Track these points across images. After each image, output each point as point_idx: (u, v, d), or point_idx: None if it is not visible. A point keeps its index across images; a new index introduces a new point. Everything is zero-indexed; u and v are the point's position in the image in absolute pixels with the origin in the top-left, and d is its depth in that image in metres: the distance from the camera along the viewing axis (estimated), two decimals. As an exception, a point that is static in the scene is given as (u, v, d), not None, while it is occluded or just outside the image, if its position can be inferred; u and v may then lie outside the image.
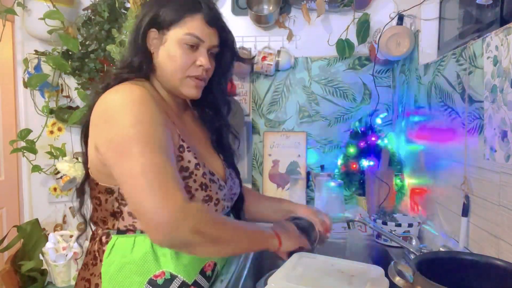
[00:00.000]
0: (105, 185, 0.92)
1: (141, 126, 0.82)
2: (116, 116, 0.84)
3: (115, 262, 0.91)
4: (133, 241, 0.91)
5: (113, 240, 0.92)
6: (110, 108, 0.86)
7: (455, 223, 1.16)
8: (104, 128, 0.86)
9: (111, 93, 0.88)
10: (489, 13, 1.10)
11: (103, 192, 0.92)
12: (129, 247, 0.91)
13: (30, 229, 1.59)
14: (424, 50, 1.54)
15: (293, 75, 2.01)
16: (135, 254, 0.90)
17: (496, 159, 0.93)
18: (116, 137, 0.82)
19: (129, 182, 0.81)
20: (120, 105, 0.84)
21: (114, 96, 0.87)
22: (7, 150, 1.95)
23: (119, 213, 0.92)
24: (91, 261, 0.95)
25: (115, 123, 0.83)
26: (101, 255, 0.93)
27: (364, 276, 0.91)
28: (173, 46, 0.93)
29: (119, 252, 0.91)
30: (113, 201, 0.91)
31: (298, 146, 2.00)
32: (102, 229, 0.96)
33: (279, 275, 0.92)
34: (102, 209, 0.94)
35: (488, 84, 0.96)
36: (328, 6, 1.87)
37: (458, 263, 0.80)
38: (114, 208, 0.92)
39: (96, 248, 0.95)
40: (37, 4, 1.74)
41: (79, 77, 1.86)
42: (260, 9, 1.97)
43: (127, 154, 0.81)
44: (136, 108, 0.84)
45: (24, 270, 1.45)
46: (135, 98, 0.85)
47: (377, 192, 1.70)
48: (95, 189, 0.95)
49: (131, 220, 0.91)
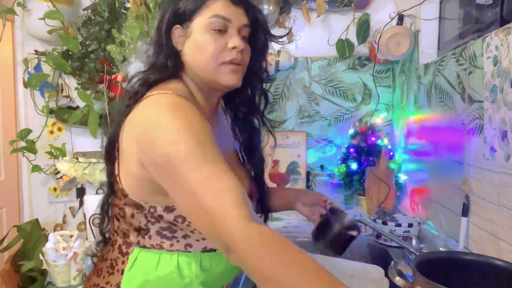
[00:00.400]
0: (136, 200, 0.84)
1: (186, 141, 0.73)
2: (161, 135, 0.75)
3: (136, 277, 0.85)
4: (158, 258, 0.85)
5: (135, 254, 0.86)
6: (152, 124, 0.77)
7: (455, 223, 1.16)
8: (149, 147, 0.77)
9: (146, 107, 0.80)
10: (489, 13, 1.10)
11: (131, 205, 0.85)
12: (154, 263, 0.85)
13: (30, 229, 1.59)
14: (424, 50, 1.54)
15: (293, 75, 2.00)
16: (159, 272, 0.84)
17: (496, 159, 0.93)
18: (163, 158, 0.74)
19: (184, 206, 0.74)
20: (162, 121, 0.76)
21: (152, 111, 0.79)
22: (7, 150, 1.95)
23: (145, 231, 0.85)
24: (107, 269, 0.89)
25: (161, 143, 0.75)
26: (119, 265, 0.87)
27: (364, 276, 0.91)
28: (200, 34, 0.85)
29: (141, 267, 0.85)
30: (141, 217, 0.85)
31: (298, 146, 2.00)
32: (121, 238, 0.89)
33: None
34: (125, 221, 0.87)
35: (488, 84, 0.96)
36: (328, 6, 1.87)
37: (458, 263, 0.80)
38: (140, 224, 0.85)
39: (114, 256, 0.89)
40: (37, 4, 1.74)
41: (79, 77, 1.86)
42: (260, 9, 1.96)
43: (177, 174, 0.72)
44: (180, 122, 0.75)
45: (24, 270, 1.45)
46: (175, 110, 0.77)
47: (377, 192, 1.70)
48: (121, 199, 0.87)
49: (159, 239, 0.85)
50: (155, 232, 0.85)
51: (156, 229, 0.84)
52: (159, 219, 0.84)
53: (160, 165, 0.75)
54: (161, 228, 0.84)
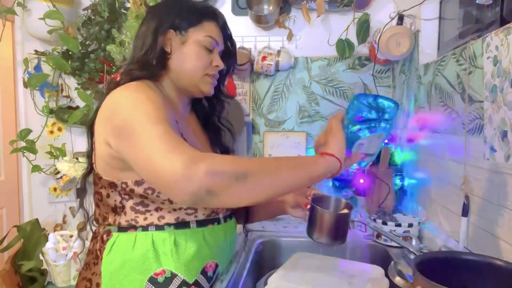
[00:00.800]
0: (109, 179, 0.92)
1: (143, 105, 0.83)
2: (119, 106, 0.86)
3: (116, 259, 0.90)
4: (134, 238, 0.91)
5: (114, 238, 0.92)
6: (115, 102, 0.88)
7: (455, 223, 1.16)
8: (110, 120, 0.87)
9: (117, 91, 0.90)
10: (489, 13, 1.10)
11: (106, 187, 0.93)
12: (130, 244, 0.90)
13: (30, 229, 1.59)
14: (424, 50, 1.54)
15: (293, 75, 2.01)
16: (136, 252, 0.90)
17: (496, 159, 0.93)
18: (121, 123, 0.83)
19: (141, 155, 0.79)
20: (121, 97, 0.87)
21: (120, 93, 0.89)
22: (7, 150, 1.95)
23: (121, 208, 0.92)
24: (93, 260, 0.95)
25: (120, 112, 0.85)
26: (102, 254, 0.92)
27: (364, 276, 0.91)
28: (193, 46, 0.99)
29: (120, 249, 0.91)
30: (116, 195, 0.92)
31: (298, 146, 2.00)
32: (103, 226, 0.96)
33: (279, 275, 0.93)
34: (104, 204, 0.94)
35: (488, 84, 0.96)
36: (328, 6, 1.87)
37: (458, 263, 0.80)
38: (116, 202, 0.92)
39: (97, 247, 0.95)
40: (37, 4, 1.74)
41: (79, 77, 1.86)
42: (260, 9, 1.97)
43: (132, 134, 0.80)
44: (139, 94, 0.86)
45: (24, 270, 1.45)
46: (133, 88, 0.89)
47: (377, 192, 1.70)
48: (97, 184, 0.96)
49: (133, 214, 0.91)
50: (129, 208, 0.91)
51: (130, 205, 0.91)
52: (132, 195, 0.91)
53: (120, 131, 0.83)
54: (134, 204, 0.91)
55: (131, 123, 0.82)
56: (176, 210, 0.92)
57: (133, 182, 0.90)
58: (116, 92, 0.90)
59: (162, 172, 0.74)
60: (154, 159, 0.76)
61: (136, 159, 0.81)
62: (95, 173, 0.96)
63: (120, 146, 0.84)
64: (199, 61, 1.00)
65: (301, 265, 0.97)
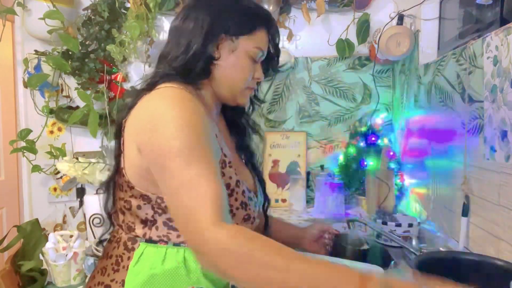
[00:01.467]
0: (142, 191, 0.85)
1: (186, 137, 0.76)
2: (164, 126, 0.78)
3: (143, 272, 0.84)
4: (165, 252, 0.85)
5: (142, 248, 0.86)
6: (157, 115, 0.80)
7: (455, 223, 1.16)
8: (151, 136, 0.79)
9: (156, 98, 0.83)
10: (489, 13, 1.10)
11: (137, 197, 0.86)
12: (160, 258, 0.84)
13: (30, 229, 1.59)
14: (424, 50, 1.54)
15: (293, 75, 2.00)
16: (166, 267, 0.84)
17: (496, 159, 0.93)
18: (158, 149, 0.77)
19: (168, 198, 0.77)
20: (168, 113, 0.79)
21: (160, 102, 0.81)
22: (7, 150, 1.95)
23: (152, 222, 0.86)
24: (112, 266, 0.88)
25: (163, 134, 0.77)
26: (125, 261, 0.87)
27: (364, 276, 0.91)
28: (242, 56, 0.91)
29: (147, 262, 0.85)
30: (148, 208, 0.86)
31: (298, 146, 2.00)
32: (126, 233, 0.89)
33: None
34: (132, 214, 0.87)
35: (488, 84, 0.96)
36: (328, 6, 1.87)
37: (458, 263, 0.80)
38: (147, 216, 0.86)
39: (119, 253, 0.88)
40: (37, 4, 1.74)
41: (79, 77, 1.86)
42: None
43: (168, 167, 0.75)
44: (184, 118, 0.78)
45: (24, 270, 1.45)
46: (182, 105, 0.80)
47: (377, 192, 1.70)
48: (126, 192, 0.88)
49: (165, 230, 0.85)
50: (162, 223, 0.85)
51: (163, 220, 0.85)
52: (166, 210, 0.84)
53: (155, 156, 0.78)
54: (168, 219, 0.85)
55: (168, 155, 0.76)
56: None
57: None
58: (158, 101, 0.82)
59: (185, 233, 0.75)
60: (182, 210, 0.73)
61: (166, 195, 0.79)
62: (125, 180, 0.87)
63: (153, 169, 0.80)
64: (244, 74, 0.92)
65: (301, 265, 0.97)
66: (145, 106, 0.83)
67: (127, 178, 0.87)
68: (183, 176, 0.74)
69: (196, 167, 0.74)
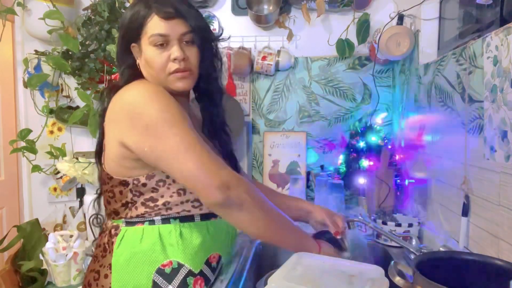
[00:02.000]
0: (120, 178, 0.96)
1: (171, 110, 0.89)
2: (142, 108, 0.89)
3: (125, 252, 0.94)
4: (142, 232, 0.95)
5: (123, 232, 0.96)
6: (132, 102, 0.90)
7: (455, 223, 1.16)
8: (131, 121, 0.90)
9: (127, 91, 0.93)
10: (489, 13, 1.10)
11: (117, 185, 0.97)
12: (138, 237, 0.95)
13: (30, 229, 1.59)
14: (424, 50, 1.54)
15: (293, 75, 2.01)
16: (143, 245, 0.94)
17: (496, 159, 0.93)
18: (151, 123, 0.87)
19: (178, 157, 0.87)
20: (143, 98, 0.90)
21: (132, 92, 0.92)
22: (7, 150, 1.95)
23: (132, 203, 0.97)
24: (101, 253, 0.98)
25: (145, 114, 0.88)
26: (110, 247, 0.96)
27: (364, 276, 0.91)
28: (147, 51, 0.97)
29: (128, 243, 0.95)
30: (127, 192, 0.96)
31: (298, 146, 2.00)
32: (112, 221, 1.00)
33: (279, 275, 0.92)
34: (116, 200, 0.98)
35: (488, 84, 0.96)
36: (328, 6, 1.87)
37: (458, 263, 0.80)
38: (127, 199, 0.97)
39: (105, 241, 0.98)
40: (37, 4, 1.74)
41: (79, 77, 1.86)
42: (260, 9, 1.97)
43: (167, 135, 0.87)
44: (159, 97, 0.90)
45: (24, 270, 1.45)
46: (152, 89, 0.92)
47: (377, 192, 1.70)
48: (107, 183, 0.99)
49: (143, 209, 0.96)
50: (140, 203, 0.96)
51: (141, 200, 0.96)
52: (142, 190, 0.96)
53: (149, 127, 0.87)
54: (145, 200, 0.96)
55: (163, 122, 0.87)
56: (183, 203, 0.98)
57: (145, 177, 0.95)
58: (128, 91, 0.93)
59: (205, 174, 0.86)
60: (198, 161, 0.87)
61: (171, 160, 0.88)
62: (105, 173, 0.99)
63: (146, 144, 0.88)
64: (154, 65, 0.97)
65: (301, 265, 0.97)
66: (117, 101, 0.93)
67: (106, 172, 0.99)
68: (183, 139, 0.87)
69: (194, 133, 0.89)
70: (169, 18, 0.95)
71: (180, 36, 0.96)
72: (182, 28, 0.96)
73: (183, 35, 0.97)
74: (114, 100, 0.94)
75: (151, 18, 0.95)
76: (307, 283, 0.87)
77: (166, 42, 0.96)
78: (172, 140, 0.87)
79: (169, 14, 0.95)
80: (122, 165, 0.96)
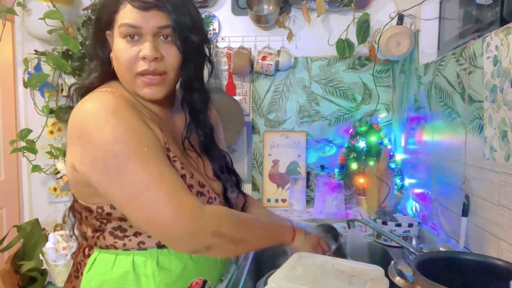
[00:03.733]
0: (83, 203, 0.85)
1: (126, 138, 0.74)
2: (93, 131, 0.74)
3: (94, 279, 0.84)
4: (114, 258, 0.84)
5: (95, 255, 0.86)
6: (83, 122, 0.75)
7: (455, 223, 1.16)
8: (81, 145, 0.76)
9: (81, 104, 0.78)
10: (489, 13, 1.10)
11: (83, 209, 0.86)
12: (110, 264, 0.84)
13: (30, 229, 1.59)
14: (424, 50, 1.54)
15: (293, 75, 2.01)
16: (114, 272, 0.83)
17: (496, 159, 0.93)
18: (101, 155, 0.74)
19: (134, 200, 0.74)
20: (94, 117, 0.74)
21: (85, 107, 0.76)
22: (7, 150, 1.95)
23: (100, 232, 0.85)
24: (74, 273, 0.90)
25: (95, 140, 0.74)
26: (82, 268, 0.87)
27: (364, 276, 0.91)
28: (116, 42, 0.81)
29: (99, 268, 0.84)
30: (92, 219, 0.85)
31: (298, 146, 2.00)
32: (85, 241, 0.90)
33: (279, 275, 0.92)
34: (85, 224, 0.88)
35: (488, 84, 0.96)
36: (328, 6, 1.87)
37: (458, 263, 0.80)
38: (95, 226, 0.86)
39: (79, 260, 0.89)
40: (37, 4, 1.74)
41: (79, 77, 1.86)
42: (260, 9, 1.97)
43: (121, 173, 0.73)
44: (114, 118, 0.74)
45: (24, 270, 1.45)
46: (109, 107, 0.75)
47: (377, 192, 1.70)
48: (76, 202, 0.88)
49: (112, 240, 0.84)
50: (108, 232, 0.84)
51: (109, 229, 0.84)
52: (109, 218, 0.83)
53: (97, 160, 0.75)
54: (113, 228, 0.84)
55: (114, 158, 0.73)
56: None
57: (109, 206, 0.82)
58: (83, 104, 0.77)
59: (162, 225, 0.75)
60: (153, 209, 0.74)
61: (125, 202, 0.76)
62: (72, 192, 0.88)
63: (98, 180, 0.76)
64: (121, 59, 0.81)
65: (301, 265, 0.97)
66: (71, 117, 0.78)
67: (72, 191, 0.88)
68: (141, 177, 0.74)
69: (152, 165, 0.75)
70: (146, 9, 0.78)
71: (156, 30, 0.79)
72: (159, 21, 0.79)
73: (160, 29, 0.79)
74: (72, 113, 0.79)
75: (124, 5, 0.79)
76: (307, 283, 0.87)
77: (139, 35, 0.79)
78: (124, 180, 0.74)
79: (144, 4, 0.78)
80: (80, 191, 0.84)
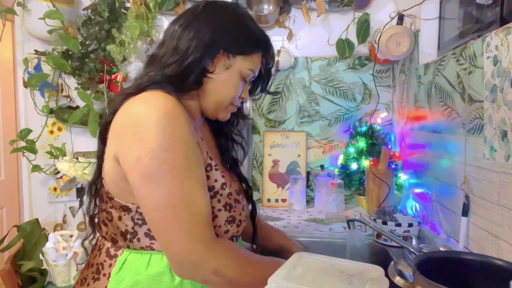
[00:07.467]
0: (121, 201, 0.84)
1: (174, 149, 0.76)
2: (146, 132, 0.75)
3: (126, 279, 0.82)
4: (149, 258, 0.83)
5: (125, 255, 0.84)
6: (139, 120, 0.76)
7: (455, 223, 1.16)
8: (131, 142, 0.77)
9: (140, 103, 0.79)
10: (489, 13, 1.10)
11: (117, 208, 0.84)
12: (144, 264, 0.83)
13: (30, 229, 1.59)
14: (424, 50, 1.54)
15: (293, 75, 2.01)
16: (150, 271, 0.82)
17: (496, 159, 0.93)
18: (147, 158, 0.75)
19: (157, 211, 0.76)
20: (151, 119, 0.75)
21: (144, 107, 0.77)
22: (7, 150, 1.95)
23: (132, 234, 0.84)
24: (93, 275, 0.86)
25: (145, 141, 0.75)
26: (106, 269, 0.84)
27: (364, 276, 0.91)
28: (235, 74, 0.91)
29: (131, 268, 0.83)
30: (128, 220, 0.83)
31: (298, 146, 2.00)
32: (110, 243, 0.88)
33: (279, 275, 0.92)
34: (113, 225, 0.86)
35: (488, 84, 0.96)
36: (328, 6, 1.87)
37: (458, 263, 0.80)
38: (127, 227, 0.83)
39: (100, 261, 0.86)
40: (37, 4, 1.74)
41: (79, 77, 1.86)
42: (260, 9, 1.97)
43: (157, 182, 0.75)
44: (169, 126, 0.76)
45: (24, 270, 1.45)
46: (167, 112, 0.77)
47: (377, 192, 1.70)
48: (107, 202, 0.86)
49: (148, 241, 0.84)
50: (143, 234, 0.84)
51: (144, 231, 0.83)
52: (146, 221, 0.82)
53: (141, 161, 0.75)
54: (148, 230, 0.83)
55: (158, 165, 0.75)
56: None
57: None
58: (141, 105, 0.78)
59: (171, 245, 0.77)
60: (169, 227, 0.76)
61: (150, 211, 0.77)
62: (105, 190, 0.86)
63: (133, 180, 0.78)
64: (233, 91, 0.92)
65: (301, 265, 0.97)
66: (127, 109, 0.80)
67: (106, 189, 0.85)
68: (170, 191, 0.76)
69: (188, 184, 0.77)
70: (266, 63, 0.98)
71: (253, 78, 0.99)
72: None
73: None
74: (126, 107, 0.80)
75: (260, 53, 0.94)
76: (307, 283, 0.87)
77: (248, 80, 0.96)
78: (156, 190, 0.75)
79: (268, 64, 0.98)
80: (121, 188, 0.82)
